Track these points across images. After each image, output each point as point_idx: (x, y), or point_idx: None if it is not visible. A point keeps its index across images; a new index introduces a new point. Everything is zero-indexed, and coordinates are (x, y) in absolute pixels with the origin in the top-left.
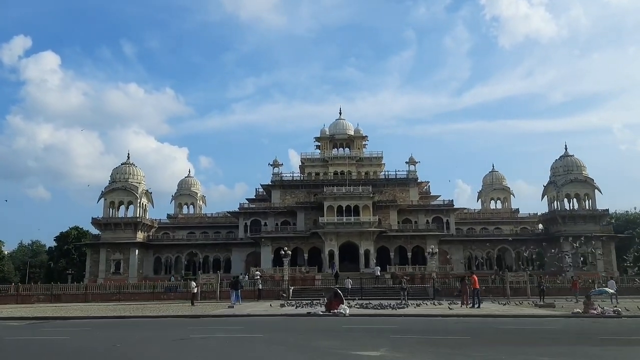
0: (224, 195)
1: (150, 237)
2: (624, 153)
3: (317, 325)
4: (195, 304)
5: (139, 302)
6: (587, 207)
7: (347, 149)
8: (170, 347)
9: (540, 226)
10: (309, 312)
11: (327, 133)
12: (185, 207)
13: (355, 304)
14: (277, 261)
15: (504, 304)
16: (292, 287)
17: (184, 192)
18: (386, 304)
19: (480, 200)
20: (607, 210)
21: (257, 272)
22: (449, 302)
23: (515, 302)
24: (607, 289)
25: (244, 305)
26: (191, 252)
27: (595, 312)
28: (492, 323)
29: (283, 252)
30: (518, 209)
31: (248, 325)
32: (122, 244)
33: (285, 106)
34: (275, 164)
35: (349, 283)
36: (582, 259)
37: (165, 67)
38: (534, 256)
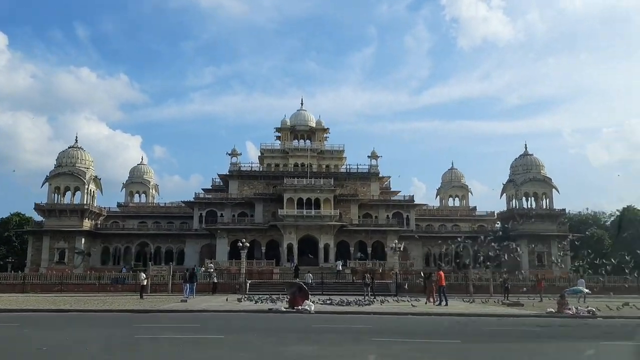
0: (179, 186)
1: (98, 226)
2: (574, 157)
3: (284, 325)
4: (144, 297)
5: (83, 294)
6: (545, 207)
7: (307, 141)
8: (110, 351)
9: (498, 224)
10: (271, 309)
11: (288, 124)
12: (137, 195)
13: (318, 300)
14: (234, 254)
15: (470, 302)
16: (250, 281)
17: (136, 180)
18: (351, 300)
19: (438, 197)
20: (564, 209)
21: (211, 265)
22: (413, 298)
23: (480, 300)
24: (581, 288)
25: (199, 299)
26: (142, 242)
27: (570, 312)
28: (470, 323)
29: (240, 244)
30: (475, 206)
31: (205, 322)
32: (67, 232)
33: (245, 97)
34: (233, 154)
35: (309, 278)
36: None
37: (120, 53)
38: (491, 254)
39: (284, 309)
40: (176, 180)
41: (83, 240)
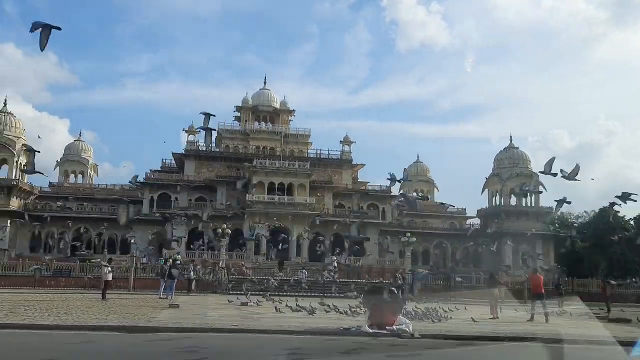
0: (109, 173)
1: (29, 207)
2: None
3: None
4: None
5: (16, 290)
6: (531, 204)
7: (269, 124)
8: None
9: (471, 222)
10: (348, 328)
11: (250, 103)
12: (72, 176)
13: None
14: (191, 243)
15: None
16: (230, 277)
17: (73, 158)
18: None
19: (402, 191)
20: (552, 207)
21: (178, 256)
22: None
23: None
24: None
25: (182, 300)
26: (81, 227)
27: None
28: None
29: (220, 232)
30: (443, 203)
31: None
32: None
33: (182, 87)
34: (190, 131)
35: (304, 275)
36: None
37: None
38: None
39: (370, 330)
40: (106, 168)
41: (9, 222)
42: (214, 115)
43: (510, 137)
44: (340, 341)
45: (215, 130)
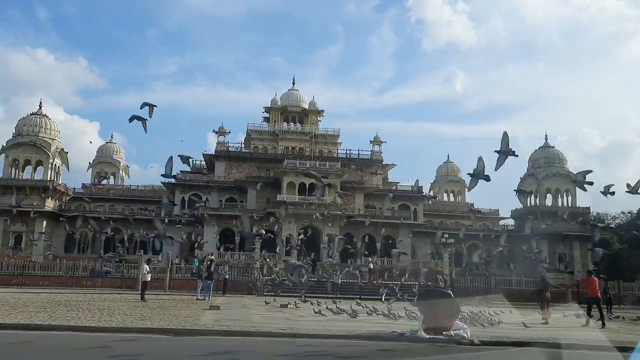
0: (137, 175)
1: (63, 207)
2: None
3: None
4: (145, 297)
5: (53, 290)
6: (567, 204)
7: (298, 125)
8: None
9: (505, 222)
10: (402, 333)
11: (279, 104)
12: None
13: (387, 313)
14: (223, 243)
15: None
16: (265, 278)
17: (105, 160)
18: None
19: (432, 192)
20: (589, 208)
21: (212, 257)
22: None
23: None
24: None
25: (220, 302)
26: (113, 228)
27: None
28: None
29: (255, 231)
30: (473, 203)
31: None
32: (25, 212)
33: (208, 89)
34: (220, 132)
35: (338, 277)
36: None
37: (81, 36)
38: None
39: (427, 336)
40: (135, 169)
41: (44, 223)
42: (156, 106)
43: (546, 136)
44: (401, 348)
45: (146, 120)
